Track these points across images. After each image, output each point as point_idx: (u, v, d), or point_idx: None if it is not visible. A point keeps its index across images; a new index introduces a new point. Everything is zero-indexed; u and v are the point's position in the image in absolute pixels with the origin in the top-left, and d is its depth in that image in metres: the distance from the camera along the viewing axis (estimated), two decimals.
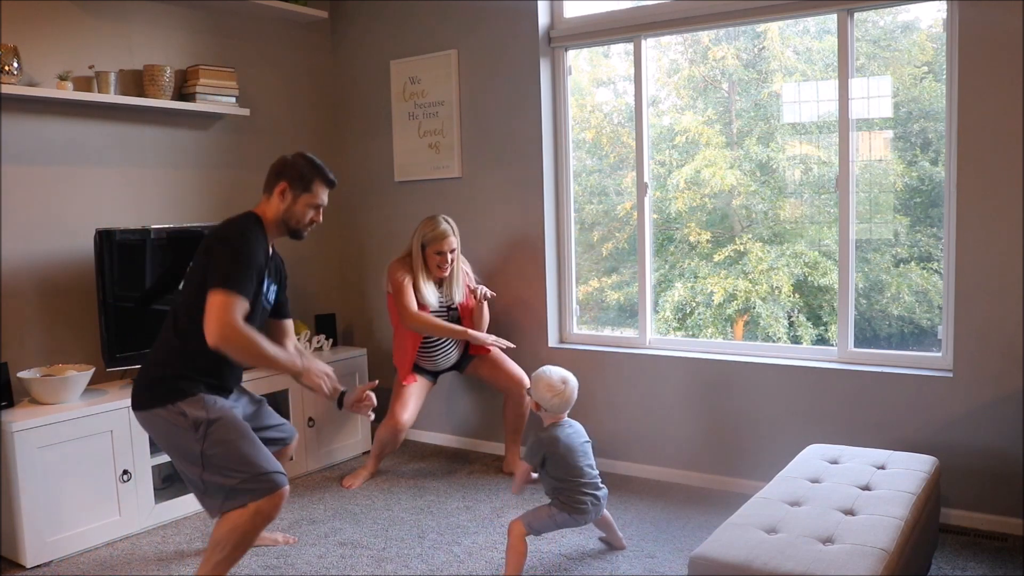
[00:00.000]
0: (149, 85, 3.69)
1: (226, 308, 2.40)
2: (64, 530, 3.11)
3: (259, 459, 2.50)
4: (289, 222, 2.69)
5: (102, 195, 3.65)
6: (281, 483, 2.48)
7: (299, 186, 2.67)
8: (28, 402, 3.25)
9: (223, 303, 2.40)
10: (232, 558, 2.51)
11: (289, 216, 2.68)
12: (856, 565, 2.03)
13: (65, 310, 3.52)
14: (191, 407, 2.52)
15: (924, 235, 3.59)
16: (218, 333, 2.39)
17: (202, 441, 2.49)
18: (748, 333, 4.14)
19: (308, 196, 2.68)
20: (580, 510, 2.81)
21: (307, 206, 2.69)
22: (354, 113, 4.65)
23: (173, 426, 2.53)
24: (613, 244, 4.27)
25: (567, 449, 2.82)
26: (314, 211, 2.72)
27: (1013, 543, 3.00)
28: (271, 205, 2.68)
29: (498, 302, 4.22)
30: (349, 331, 4.77)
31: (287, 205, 2.67)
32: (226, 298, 2.41)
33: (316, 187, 2.69)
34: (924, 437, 3.17)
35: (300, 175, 2.68)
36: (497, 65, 4.10)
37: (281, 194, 2.66)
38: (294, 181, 2.67)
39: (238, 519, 2.46)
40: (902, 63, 3.57)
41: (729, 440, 3.63)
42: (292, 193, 2.67)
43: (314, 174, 2.69)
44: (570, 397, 2.87)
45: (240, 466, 2.47)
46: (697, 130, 4.05)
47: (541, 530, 2.86)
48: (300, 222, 2.70)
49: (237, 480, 2.46)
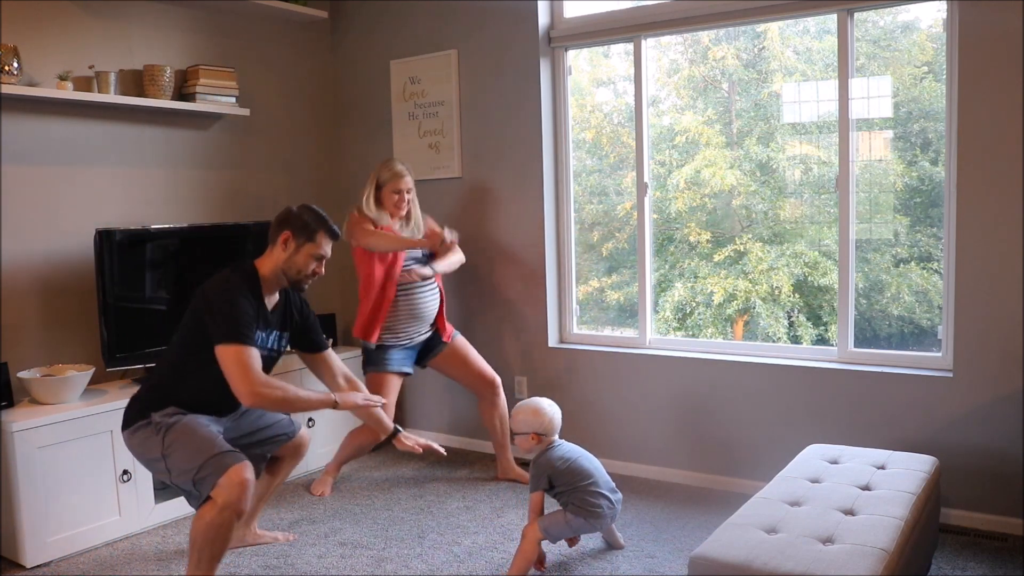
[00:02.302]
0: (149, 85, 3.69)
1: (243, 365, 2.50)
2: (64, 530, 3.11)
3: (207, 446, 2.53)
4: (289, 272, 2.72)
5: (102, 195, 3.65)
6: (230, 461, 2.49)
7: (303, 236, 2.70)
8: (28, 402, 3.25)
9: (237, 358, 2.51)
10: (210, 556, 2.50)
11: (289, 266, 2.71)
12: (856, 565, 2.03)
13: (65, 310, 3.52)
14: (160, 415, 2.61)
15: (924, 235, 3.59)
16: (248, 393, 2.51)
17: (161, 444, 2.56)
18: (748, 333, 4.14)
19: (311, 246, 2.71)
20: (595, 513, 2.82)
21: (310, 256, 2.72)
22: (354, 113, 4.66)
23: (144, 440, 2.61)
24: (613, 244, 4.27)
25: (568, 462, 2.85)
26: (316, 263, 2.74)
27: (1013, 543, 3.00)
28: (272, 256, 2.73)
29: (498, 302, 4.23)
30: (349, 331, 4.77)
31: (289, 255, 2.70)
32: (237, 352, 2.51)
33: (320, 238, 2.72)
34: (924, 437, 3.17)
35: (304, 224, 2.71)
36: (497, 65, 4.10)
37: (284, 243, 2.70)
38: (298, 231, 2.70)
39: (207, 515, 2.47)
40: (902, 63, 3.57)
41: (729, 440, 3.63)
42: (295, 242, 2.70)
43: (319, 225, 2.72)
44: (550, 416, 2.92)
45: (193, 456, 2.51)
46: (697, 130, 4.05)
47: (557, 536, 2.87)
48: (301, 272, 2.73)
49: (195, 471, 2.50)
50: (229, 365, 2.51)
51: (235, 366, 2.51)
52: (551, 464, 2.85)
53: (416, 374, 3.96)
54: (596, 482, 2.84)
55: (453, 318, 4.29)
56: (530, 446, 2.90)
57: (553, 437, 2.93)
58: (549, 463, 2.86)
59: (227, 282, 2.63)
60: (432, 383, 4.45)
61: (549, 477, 2.85)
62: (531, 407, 2.93)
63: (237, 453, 2.56)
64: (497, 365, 4.14)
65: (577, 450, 2.93)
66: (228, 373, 2.51)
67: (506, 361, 4.22)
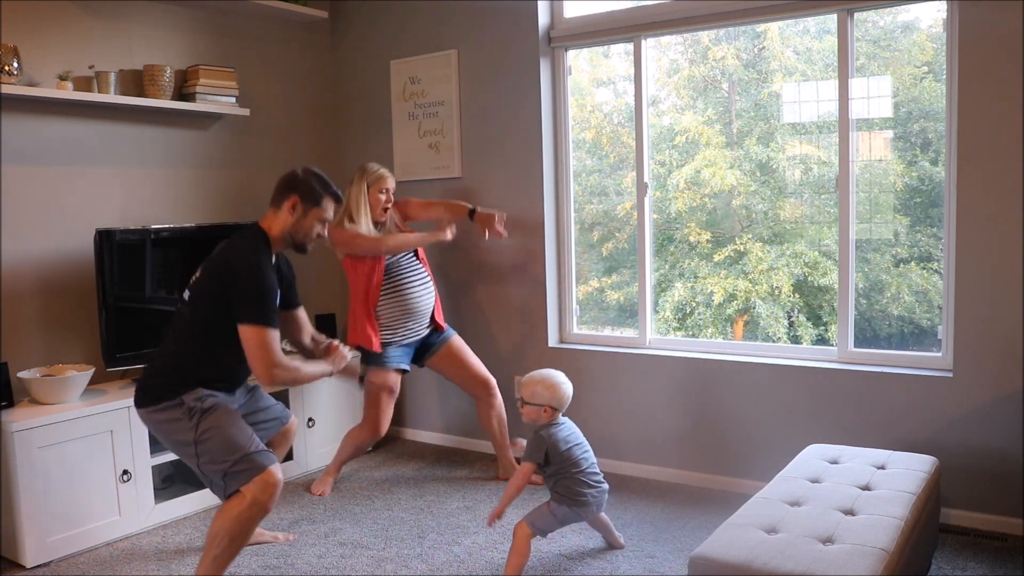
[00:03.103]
0: (149, 85, 3.69)
1: (267, 347, 2.56)
2: (64, 530, 3.11)
3: (245, 442, 2.58)
4: (296, 236, 2.74)
5: (102, 195, 3.65)
6: (266, 462, 2.55)
7: (310, 200, 2.72)
8: (28, 402, 3.25)
9: (261, 341, 2.55)
10: (229, 552, 2.54)
11: (296, 230, 2.73)
12: (856, 565, 2.03)
13: (65, 310, 3.52)
14: (189, 397, 2.61)
15: (924, 235, 3.60)
16: (267, 375, 2.58)
17: (195, 429, 2.58)
18: (748, 333, 4.14)
19: (318, 211, 2.74)
20: (580, 502, 2.81)
21: (316, 220, 2.74)
22: (354, 113, 4.66)
23: (171, 421, 2.61)
24: (613, 244, 4.27)
25: (569, 446, 2.84)
26: (321, 226, 2.77)
27: (1013, 543, 3.00)
28: (279, 219, 2.73)
29: (498, 302, 4.22)
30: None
31: (296, 219, 2.72)
32: (262, 334, 2.55)
33: (326, 202, 2.75)
34: (924, 437, 3.17)
35: (311, 190, 2.72)
36: (497, 65, 4.10)
37: (292, 208, 2.71)
38: (305, 195, 2.71)
39: (234, 509, 2.51)
40: (902, 63, 3.57)
41: (729, 440, 3.63)
42: (303, 207, 2.72)
43: (324, 189, 2.75)
44: (566, 392, 2.89)
45: (228, 450, 2.55)
46: (697, 130, 4.05)
47: (545, 528, 2.85)
48: (307, 236, 2.76)
49: (228, 464, 2.54)
50: (253, 346, 2.55)
51: (259, 348, 2.55)
52: (554, 443, 2.82)
53: (416, 374, 3.97)
54: (584, 471, 2.84)
55: (452, 318, 4.29)
56: (538, 417, 2.87)
57: (558, 413, 2.90)
58: (553, 441, 2.82)
59: (253, 253, 2.63)
60: (431, 383, 4.45)
61: (547, 453, 2.83)
62: (549, 381, 2.88)
63: (270, 453, 2.61)
64: (497, 365, 4.15)
65: (577, 436, 2.89)
66: (251, 353, 2.56)
67: (506, 361, 4.21)
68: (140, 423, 3.31)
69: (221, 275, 2.62)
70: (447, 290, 4.34)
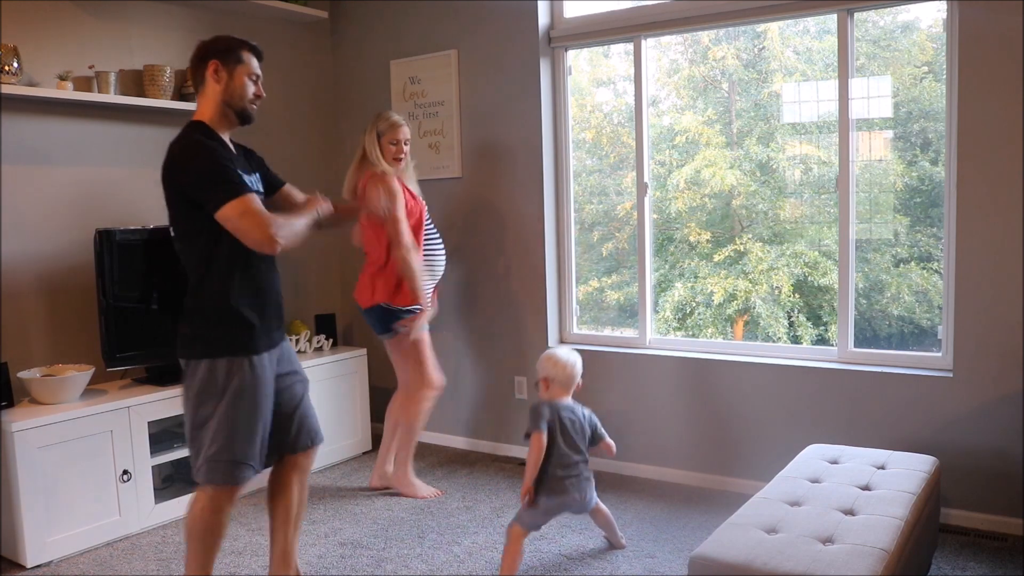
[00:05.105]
0: (149, 85, 3.69)
1: (251, 213, 2.31)
2: (64, 530, 3.11)
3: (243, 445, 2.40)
4: (233, 101, 2.48)
5: (102, 195, 3.65)
6: (238, 480, 2.41)
7: (231, 60, 2.46)
8: (28, 402, 3.25)
9: (243, 210, 2.30)
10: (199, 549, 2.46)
11: (231, 95, 2.47)
12: (856, 565, 2.03)
13: (65, 310, 3.52)
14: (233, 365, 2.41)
15: (924, 235, 3.60)
16: (268, 240, 2.32)
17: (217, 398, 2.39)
18: (748, 333, 4.14)
19: (242, 67, 2.47)
20: (558, 490, 2.81)
21: (245, 77, 2.48)
22: (354, 113, 4.65)
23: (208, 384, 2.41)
24: (613, 244, 4.27)
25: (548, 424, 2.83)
26: (253, 83, 2.51)
27: (1013, 543, 3.00)
28: (207, 97, 2.48)
29: (498, 301, 4.22)
30: (349, 331, 4.77)
31: (224, 84, 2.46)
32: (240, 205, 2.30)
33: (246, 56, 2.49)
34: (924, 437, 3.17)
35: (227, 48, 2.47)
36: (497, 65, 4.10)
37: (215, 74, 2.45)
38: (223, 56, 2.46)
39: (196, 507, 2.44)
40: (902, 63, 3.57)
41: (729, 440, 3.63)
42: (226, 69, 2.46)
43: (239, 44, 2.49)
44: (572, 371, 2.91)
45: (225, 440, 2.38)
46: (697, 130, 4.05)
47: (533, 522, 2.85)
48: (244, 97, 2.49)
49: (213, 450, 2.38)
50: (237, 221, 2.30)
51: (243, 219, 2.30)
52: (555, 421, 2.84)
53: None
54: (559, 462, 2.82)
55: (453, 318, 4.30)
56: (543, 391, 2.92)
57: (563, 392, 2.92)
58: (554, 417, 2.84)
59: (186, 138, 2.40)
60: None
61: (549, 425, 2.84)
62: (548, 353, 2.98)
63: (250, 470, 2.44)
64: (496, 364, 4.15)
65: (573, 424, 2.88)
66: (241, 230, 2.31)
67: (505, 361, 4.22)
68: (140, 423, 3.33)
69: (171, 177, 2.39)
70: (447, 290, 4.34)
